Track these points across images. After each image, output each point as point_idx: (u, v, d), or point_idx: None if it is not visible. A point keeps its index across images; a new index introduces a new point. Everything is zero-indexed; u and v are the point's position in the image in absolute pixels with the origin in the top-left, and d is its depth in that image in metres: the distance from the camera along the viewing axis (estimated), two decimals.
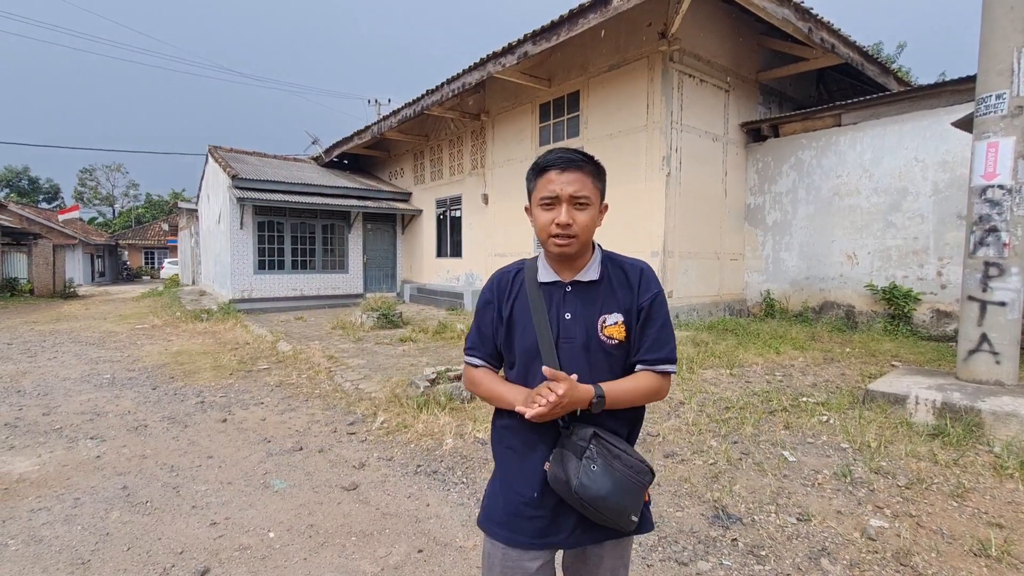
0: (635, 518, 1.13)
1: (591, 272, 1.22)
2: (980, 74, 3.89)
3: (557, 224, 1.15)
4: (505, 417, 1.26)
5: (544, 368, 1.11)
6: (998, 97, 3.75)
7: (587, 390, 1.12)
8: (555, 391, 1.07)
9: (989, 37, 3.82)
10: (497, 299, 1.29)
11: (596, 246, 1.27)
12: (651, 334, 1.19)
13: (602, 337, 1.19)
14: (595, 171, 1.20)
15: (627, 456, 1.13)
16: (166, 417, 4.43)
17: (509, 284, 1.29)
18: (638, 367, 1.19)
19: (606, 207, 1.25)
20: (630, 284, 1.22)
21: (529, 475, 1.21)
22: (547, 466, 1.17)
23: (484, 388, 1.27)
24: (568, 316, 1.21)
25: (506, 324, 1.26)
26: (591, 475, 1.09)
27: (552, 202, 1.16)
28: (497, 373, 1.31)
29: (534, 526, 1.20)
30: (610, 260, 1.26)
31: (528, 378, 1.22)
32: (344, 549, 2.47)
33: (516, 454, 1.24)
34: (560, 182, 1.15)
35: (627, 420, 1.24)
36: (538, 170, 1.20)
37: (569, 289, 1.22)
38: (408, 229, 14.91)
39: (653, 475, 1.16)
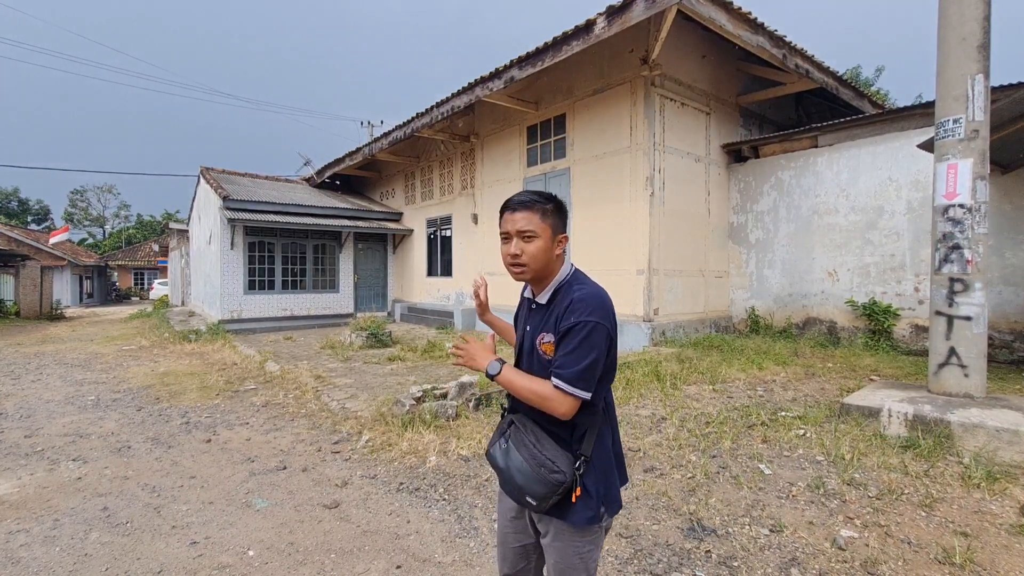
0: (531, 500, 1.34)
1: (543, 297, 1.46)
2: (938, 100, 4.09)
3: (510, 255, 1.41)
4: None
5: (490, 333, 1.57)
6: (955, 122, 3.94)
7: (484, 361, 1.40)
8: (464, 339, 1.47)
9: (944, 65, 4.04)
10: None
11: (564, 271, 1.45)
12: (560, 355, 1.32)
13: (540, 350, 1.41)
14: (546, 209, 1.39)
15: (534, 448, 1.35)
16: (150, 438, 4.42)
17: (522, 294, 1.62)
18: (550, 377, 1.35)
19: (565, 238, 1.45)
20: (562, 310, 1.37)
21: None
22: None
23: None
24: (528, 328, 1.50)
25: (514, 323, 1.67)
26: (498, 450, 1.43)
27: (507, 237, 1.42)
28: None
29: None
30: (567, 285, 1.42)
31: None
32: (323, 566, 2.49)
33: None
34: (512, 220, 1.40)
35: (566, 426, 1.38)
36: (500, 211, 1.45)
37: (533, 307, 1.51)
38: (399, 249, 15.01)
39: (563, 475, 1.30)
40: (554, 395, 1.29)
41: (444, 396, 4.81)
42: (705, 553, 2.50)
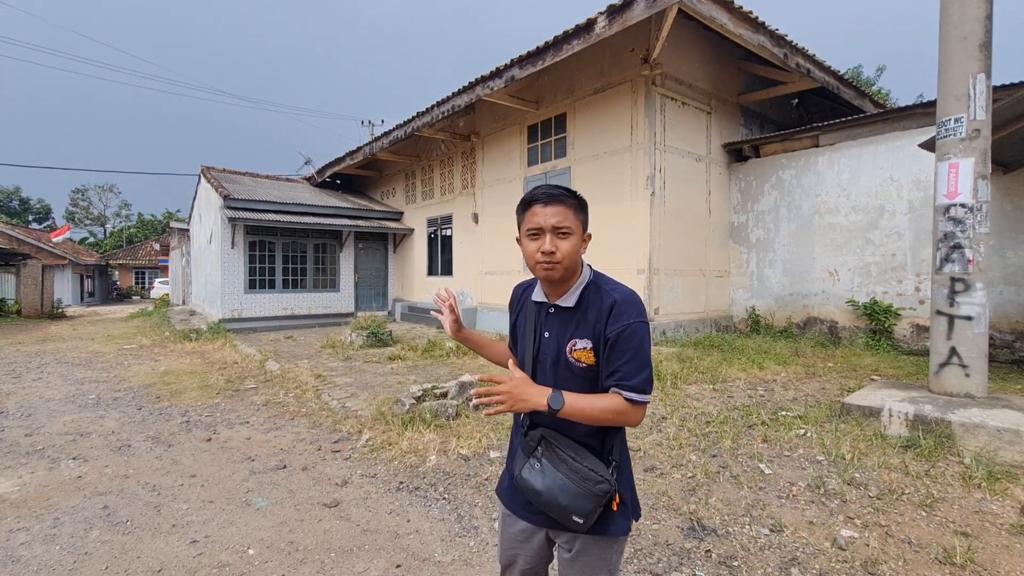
0: (579, 519, 1.22)
1: (570, 299, 1.33)
2: (939, 99, 4.08)
3: (542, 252, 1.26)
4: None
5: (509, 361, 1.32)
6: (956, 121, 3.93)
7: (541, 395, 1.20)
8: (499, 383, 1.22)
9: (946, 65, 4.03)
10: (510, 309, 1.55)
11: (586, 271, 1.35)
12: (619, 364, 1.23)
13: (570, 359, 1.30)
14: (576, 204, 1.29)
15: (574, 462, 1.23)
16: (150, 437, 4.42)
17: (519, 297, 1.51)
18: (611, 390, 1.24)
19: (589, 236, 1.35)
20: (602, 313, 1.27)
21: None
22: None
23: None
24: (547, 335, 1.36)
25: (512, 331, 1.52)
26: (531, 472, 1.27)
27: (537, 233, 1.27)
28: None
29: (521, 499, 1.38)
30: (595, 286, 1.33)
31: None
32: (323, 565, 2.49)
33: (513, 438, 1.46)
34: (544, 214, 1.26)
35: (597, 434, 1.30)
36: (525, 205, 1.31)
37: (552, 311, 1.36)
38: (399, 248, 15.01)
39: (609, 484, 1.22)
40: (629, 408, 1.21)
41: (444, 395, 4.81)
42: (705, 553, 2.50)
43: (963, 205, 3.95)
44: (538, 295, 1.39)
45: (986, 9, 3.93)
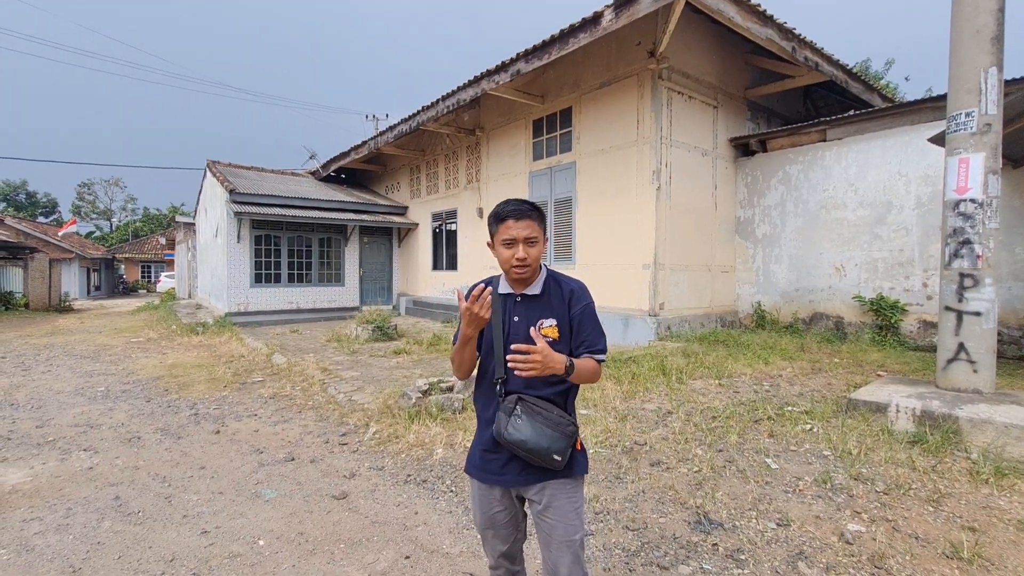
0: (558, 458, 1.51)
1: (535, 288, 1.65)
2: (950, 93, 4.04)
3: (517, 258, 1.57)
4: (477, 388, 1.73)
5: (514, 346, 1.48)
6: (967, 115, 3.89)
7: (562, 361, 1.47)
8: (534, 350, 1.44)
9: (957, 59, 3.99)
10: None
11: (542, 267, 1.68)
12: (586, 335, 1.62)
13: (540, 335, 1.55)
14: (539, 216, 1.61)
15: (547, 412, 1.53)
16: (159, 429, 4.47)
17: (480, 290, 1.68)
18: (583, 356, 1.59)
19: (547, 240, 1.69)
20: (563, 299, 1.64)
21: (487, 430, 1.62)
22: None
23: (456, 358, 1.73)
24: (516, 319, 1.63)
25: None
26: (515, 426, 1.51)
27: (512, 243, 1.58)
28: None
29: (494, 466, 1.62)
30: (553, 279, 1.67)
31: (486, 363, 1.66)
32: (332, 556, 2.52)
33: (481, 414, 1.68)
34: (517, 228, 1.57)
35: (560, 393, 1.61)
36: (499, 218, 1.60)
37: (519, 299, 1.65)
38: (404, 242, 15.03)
39: (575, 427, 1.56)
40: (598, 367, 1.60)
41: (450, 389, 4.83)
42: (712, 546, 2.51)
43: (973, 200, 3.92)
44: (503, 288, 1.67)
45: (998, 2, 3.88)
